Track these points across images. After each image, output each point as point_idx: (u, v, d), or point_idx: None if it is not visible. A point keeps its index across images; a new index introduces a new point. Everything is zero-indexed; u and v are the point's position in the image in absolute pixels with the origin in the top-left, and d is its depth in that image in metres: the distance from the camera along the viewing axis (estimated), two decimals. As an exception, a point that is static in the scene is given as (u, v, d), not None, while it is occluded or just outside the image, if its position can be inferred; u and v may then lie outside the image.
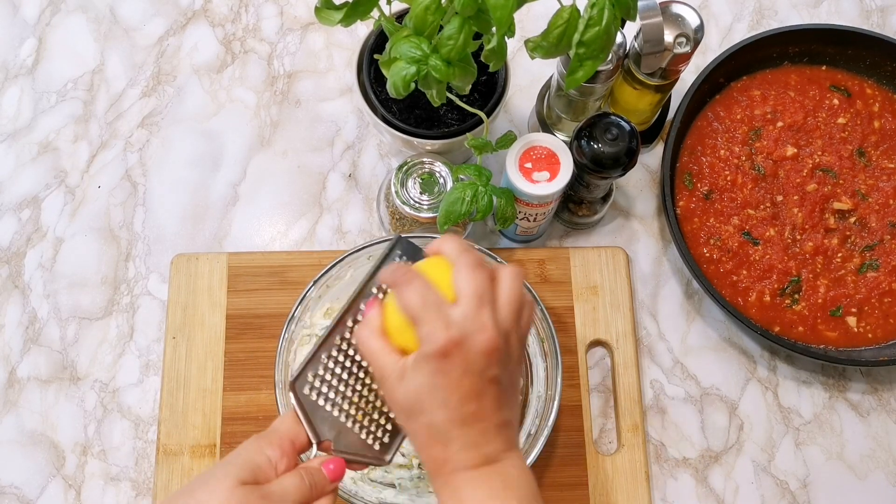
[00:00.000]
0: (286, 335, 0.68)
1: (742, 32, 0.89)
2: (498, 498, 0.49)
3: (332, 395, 0.54)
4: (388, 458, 0.55)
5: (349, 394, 0.54)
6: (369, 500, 0.65)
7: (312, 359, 0.54)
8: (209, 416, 0.73)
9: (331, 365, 0.54)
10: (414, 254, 0.59)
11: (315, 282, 0.69)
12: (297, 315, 0.68)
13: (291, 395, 0.53)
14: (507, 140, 0.69)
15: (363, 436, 0.54)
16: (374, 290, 0.57)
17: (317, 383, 0.53)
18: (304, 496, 0.48)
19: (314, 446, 0.52)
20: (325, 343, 0.54)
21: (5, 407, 0.74)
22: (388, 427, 0.55)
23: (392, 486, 0.68)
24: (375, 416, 0.55)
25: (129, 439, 0.74)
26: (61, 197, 0.81)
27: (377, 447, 0.54)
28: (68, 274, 0.78)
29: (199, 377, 0.74)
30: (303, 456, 0.52)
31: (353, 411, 0.54)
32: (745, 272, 0.77)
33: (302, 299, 0.68)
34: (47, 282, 0.78)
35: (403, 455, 0.68)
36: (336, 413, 0.53)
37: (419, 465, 0.69)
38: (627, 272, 0.78)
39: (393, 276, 0.52)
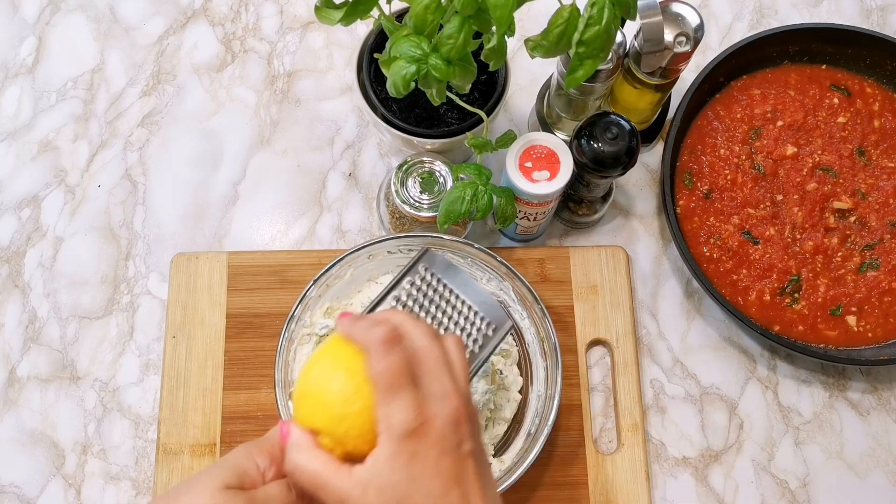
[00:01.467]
0: (286, 334, 0.68)
1: (742, 31, 0.89)
2: None
3: None
4: None
5: None
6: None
7: None
8: (209, 416, 0.73)
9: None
10: (442, 268, 0.58)
11: (315, 281, 0.69)
12: (297, 314, 0.68)
13: (290, 404, 0.51)
14: (507, 139, 0.69)
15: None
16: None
17: None
18: None
19: None
20: None
21: (5, 406, 0.74)
22: None
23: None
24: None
25: (128, 438, 0.74)
26: (61, 196, 0.81)
27: None
28: (68, 273, 0.78)
29: (199, 376, 0.74)
30: None
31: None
32: (744, 271, 0.77)
33: (302, 298, 0.68)
34: (47, 281, 0.78)
35: None
36: None
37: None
38: (627, 271, 0.78)
39: (371, 333, 0.46)
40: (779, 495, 0.74)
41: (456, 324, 0.59)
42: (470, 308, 0.59)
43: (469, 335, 0.59)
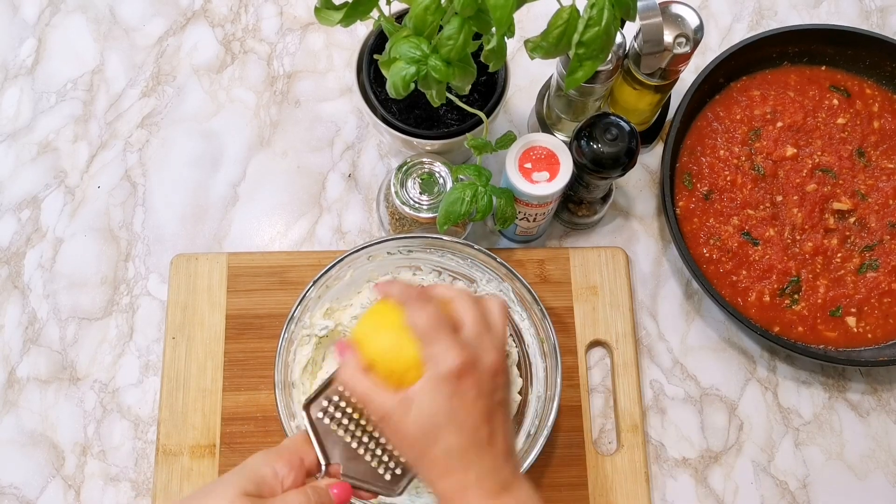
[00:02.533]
0: (286, 335, 0.68)
1: (742, 32, 0.89)
2: None
3: (345, 421, 0.54)
4: (398, 490, 0.54)
5: (363, 422, 0.54)
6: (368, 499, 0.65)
7: (330, 384, 0.54)
8: (209, 417, 0.72)
9: (347, 393, 0.54)
10: None
11: (315, 282, 0.69)
12: (296, 315, 0.68)
13: (304, 416, 0.53)
14: (507, 140, 0.69)
15: (374, 464, 0.54)
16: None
17: (331, 409, 0.53)
18: None
19: (322, 469, 0.52)
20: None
21: (5, 407, 0.74)
22: (402, 459, 0.54)
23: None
24: (389, 446, 0.54)
25: (128, 439, 0.74)
26: (61, 197, 0.81)
27: (388, 477, 0.54)
28: (68, 274, 0.78)
29: (199, 377, 0.73)
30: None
31: (365, 439, 0.54)
32: (744, 272, 0.77)
33: (301, 299, 0.68)
34: (47, 282, 0.78)
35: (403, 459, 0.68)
36: (348, 439, 0.53)
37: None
38: (627, 272, 0.78)
39: (406, 293, 0.52)
40: (779, 496, 0.74)
41: None
42: None
43: None
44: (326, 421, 0.53)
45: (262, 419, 0.72)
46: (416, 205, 0.70)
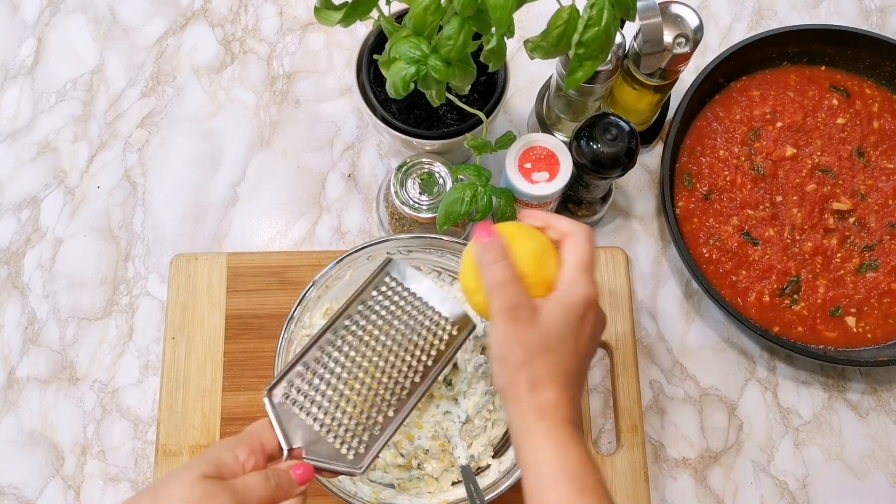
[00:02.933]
0: (285, 335, 0.68)
1: (741, 33, 0.89)
2: (590, 464, 0.50)
3: (307, 404, 0.54)
4: (361, 467, 0.54)
5: (325, 404, 0.55)
6: (368, 500, 0.65)
7: (291, 369, 0.55)
8: (208, 417, 0.72)
9: (309, 376, 0.55)
10: (406, 276, 0.61)
11: (314, 282, 0.69)
12: (296, 315, 0.68)
13: (266, 401, 0.53)
14: (507, 140, 0.69)
15: (337, 445, 0.54)
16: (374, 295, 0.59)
17: (293, 392, 0.54)
18: (269, 494, 0.48)
19: (285, 453, 0.52)
20: (304, 354, 0.56)
21: (5, 407, 0.74)
22: (364, 438, 0.55)
23: (391, 486, 0.68)
24: (352, 426, 0.55)
25: (128, 440, 0.74)
26: (61, 197, 0.81)
27: (351, 456, 0.54)
28: (67, 274, 0.78)
29: (199, 377, 0.73)
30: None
31: (328, 420, 0.55)
32: (744, 272, 0.77)
33: (301, 299, 0.68)
34: (46, 282, 0.78)
35: (403, 455, 0.68)
36: (311, 422, 0.54)
37: (419, 465, 0.69)
38: (627, 272, 0.78)
39: (578, 226, 0.54)
40: (778, 496, 0.74)
41: (424, 326, 0.60)
42: (434, 310, 0.61)
43: (436, 335, 0.60)
44: (289, 405, 0.54)
45: (262, 419, 0.72)
46: (416, 205, 0.70)
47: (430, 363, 0.59)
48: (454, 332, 0.61)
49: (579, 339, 0.52)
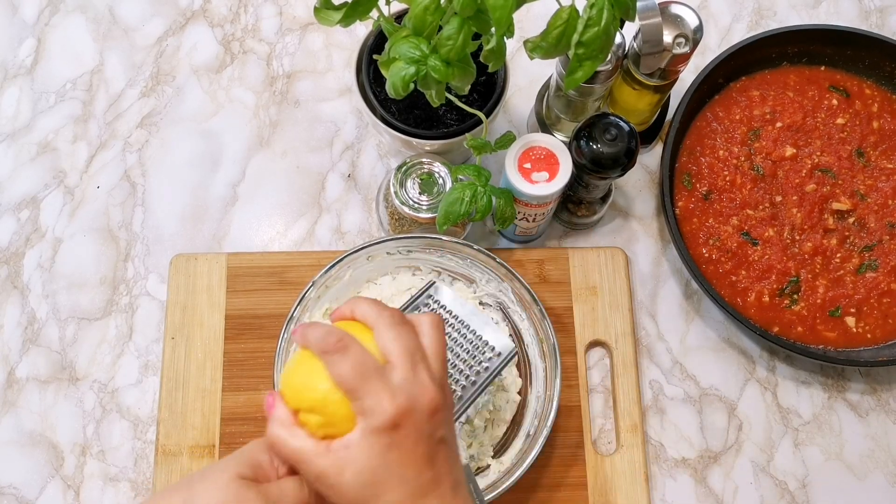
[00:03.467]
0: (285, 335, 0.68)
1: (741, 33, 0.89)
2: None
3: None
4: None
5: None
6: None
7: None
8: (208, 417, 0.72)
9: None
10: (448, 299, 0.61)
11: (314, 282, 0.69)
12: (296, 315, 0.68)
13: (279, 383, 0.53)
14: (507, 140, 0.69)
15: None
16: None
17: None
18: (303, 502, 0.47)
19: None
20: None
21: (4, 407, 0.74)
22: None
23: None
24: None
25: (127, 440, 0.74)
26: (60, 197, 0.81)
27: None
28: (67, 274, 0.78)
29: (198, 377, 0.73)
30: None
31: None
32: (744, 272, 0.77)
33: (301, 300, 0.68)
34: (46, 282, 0.78)
35: None
36: None
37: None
38: (626, 272, 0.78)
39: (324, 342, 0.47)
40: (778, 496, 0.74)
41: (464, 349, 0.61)
42: (476, 334, 0.62)
43: (476, 359, 0.61)
44: None
45: (262, 419, 0.72)
46: (416, 205, 0.70)
47: (468, 385, 0.60)
48: (494, 357, 0.61)
49: (404, 463, 0.46)
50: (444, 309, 0.62)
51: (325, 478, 0.46)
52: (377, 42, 0.71)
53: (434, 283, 0.61)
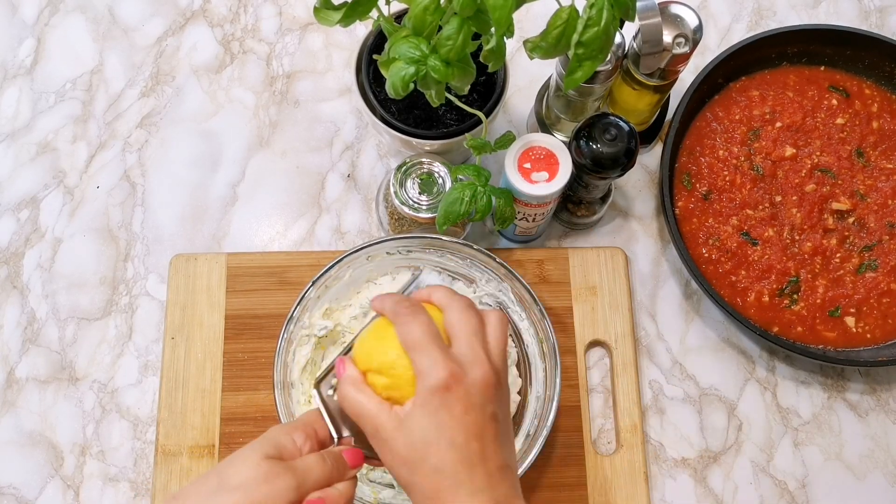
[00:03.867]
0: (285, 335, 0.68)
1: (741, 33, 0.89)
2: None
3: None
4: None
5: None
6: (368, 500, 0.65)
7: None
8: (208, 417, 0.72)
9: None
10: (436, 284, 0.61)
11: (314, 282, 0.69)
12: (295, 315, 0.68)
13: (315, 393, 0.55)
14: (506, 140, 0.69)
15: None
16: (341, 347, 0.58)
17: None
18: (326, 474, 0.50)
19: (335, 441, 0.54)
20: (350, 348, 0.56)
21: (4, 407, 0.74)
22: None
23: (391, 486, 0.68)
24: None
25: (127, 440, 0.74)
26: (60, 197, 0.81)
27: None
28: (67, 274, 0.78)
29: (198, 377, 0.73)
30: None
31: None
32: (743, 272, 0.77)
33: (301, 300, 0.68)
34: (46, 282, 0.78)
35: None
36: None
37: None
38: (626, 272, 0.78)
39: (396, 307, 0.52)
40: (778, 496, 0.74)
41: None
42: None
43: None
44: (336, 398, 0.55)
45: (262, 419, 0.72)
46: (416, 205, 0.70)
47: None
48: None
49: (453, 428, 0.48)
50: None
51: (382, 431, 0.49)
52: (377, 42, 0.71)
53: (421, 270, 0.62)
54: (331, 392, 0.55)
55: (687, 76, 0.77)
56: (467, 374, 0.49)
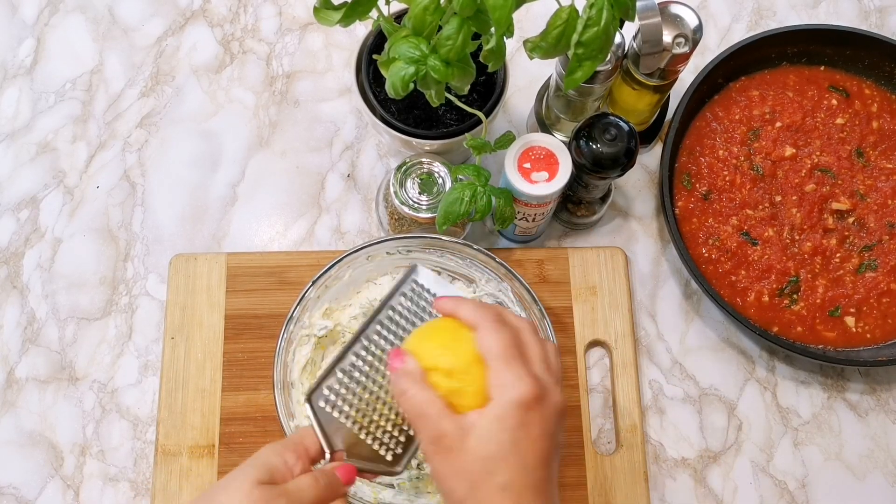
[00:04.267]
0: (285, 335, 0.68)
1: (741, 33, 0.89)
2: None
3: (346, 407, 0.55)
4: (399, 468, 0.55)
5: (363, 406, 0.55)
6: (368, 500, 0.65)
7: (329, 372, 0.55)
8: (208, 417, 0.72)
9: (346, 379, 0.55)
10: (431, 281, 0.61)
11: (314, 282, 0.69)
12: (295, 315, 0.68)
13: (307, 406, 0.54)
14: (506, 140, 0.69)
15: (375, 447, 0.55)
16: (388, 320, 0.58)
17: (332, 396, 0.55)
18: (319, 495, 0.49)
19: (327, 456, 0.53)
20: (342, 357, 0.56)
21: (4, 407, 0.74)
22: (402, 439, 0.56)
23: (391, 486, 0.68)
24: (388, 427, 0.56)
25: (127, 440, 0.74)
26: (60, 197, 0.81)
27: (389, 457, 0.55)
28: (67, 274, 0.78)
29: (198, 377, 0.73)
30: (316, 466, 0.53)
31: (366, 423, 0.55)
32: (743, 272, 0.77)
33: (301, 299, 0.68)
34: (46, 282, 0.78)
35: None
36: (350, 424, 0.55)
37: (418, 465, 0.69)
38: (626, 272, 0.78)
39: (479, 312, 0.50)
40: (777, 496, 0.74)
41: None
42: None
43: None
44: (328, 409, 0.54)
45: (262, 419, 0.72)
46: (416, 205, 0.70)
47: None
48: None
49: (527, 449, 0.46)
50: (429, 292, 0.61)
51: (447, 439, 0.46)
52: (377, 42, 0.71)
53: (416, 266, 0.61)
54: (322, 404, 0.54)
55: (687, 76, 0.77)
56: (546, 397, 0.47)
